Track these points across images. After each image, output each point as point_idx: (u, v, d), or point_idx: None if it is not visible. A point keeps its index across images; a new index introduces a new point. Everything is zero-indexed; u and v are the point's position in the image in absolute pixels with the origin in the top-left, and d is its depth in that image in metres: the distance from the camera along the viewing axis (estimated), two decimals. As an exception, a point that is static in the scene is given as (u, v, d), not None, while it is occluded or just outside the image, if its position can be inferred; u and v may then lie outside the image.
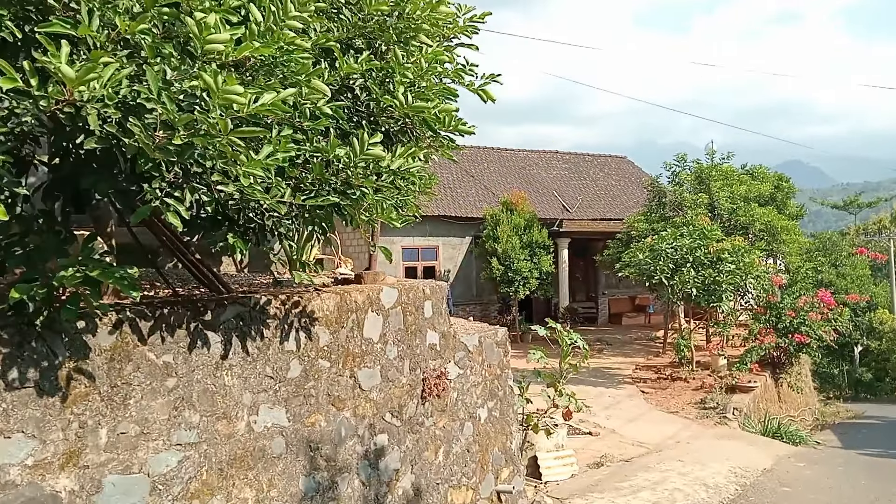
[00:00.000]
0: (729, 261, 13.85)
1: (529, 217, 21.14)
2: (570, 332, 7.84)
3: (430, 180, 7.62)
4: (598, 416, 12.34)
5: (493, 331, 6.54)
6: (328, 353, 4.57)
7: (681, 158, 19.38)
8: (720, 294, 13.60)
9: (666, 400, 13.55)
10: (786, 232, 17.67)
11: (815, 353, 15.81)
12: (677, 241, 14.20)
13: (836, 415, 25.10)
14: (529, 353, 7.55)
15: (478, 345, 6.21)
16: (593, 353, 19.70)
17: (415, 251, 22.50)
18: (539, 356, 7.43)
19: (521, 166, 27.60)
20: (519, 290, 20.41)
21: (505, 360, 6.59)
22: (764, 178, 19.03)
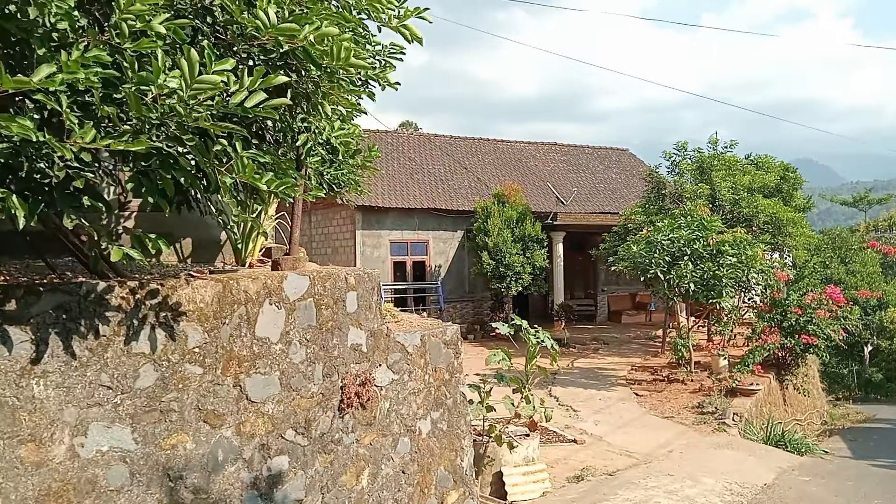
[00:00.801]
0: (730, 254, 12.83)
1: (522, 209, 20.15)
2: (537, 330, 6.83)
3: (370, 152, 6.68)
4: (585, 421, 11.37)
5: (441, 328, 5.57)
6: (200, 357, 3.60)
7: (681, 147, 18.34)
8: (720, 289, 12.58)
9: (661, 404, 12.55)
10: (792, 225, 16.61)
11: (822, 354, 14.73)
12: (674, 233, 13.19)
13: (845, 417, 24.03)
14: (490, 355, 6.52)
15: (420, 345, 5.24)
16: (588, 353, 18.82)
17: (403, 245, 21.53)
18: (500, 358, 6.43)
19: (517, 158, 26.59)
20: (511, 285, 19.43)
21: (456, 362, 5.62)
22: (769, 168, 17.96)
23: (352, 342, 4.62)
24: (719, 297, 12.56)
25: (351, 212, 20.72)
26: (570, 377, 15.10)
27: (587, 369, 15.93)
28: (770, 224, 16.52)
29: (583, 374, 15.43)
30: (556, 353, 7.00)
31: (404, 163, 23.46)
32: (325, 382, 4.33)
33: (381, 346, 4.86)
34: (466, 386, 5.79)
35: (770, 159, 18.42)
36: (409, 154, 24.01)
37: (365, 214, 20.69)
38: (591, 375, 15.18)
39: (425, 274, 21.92)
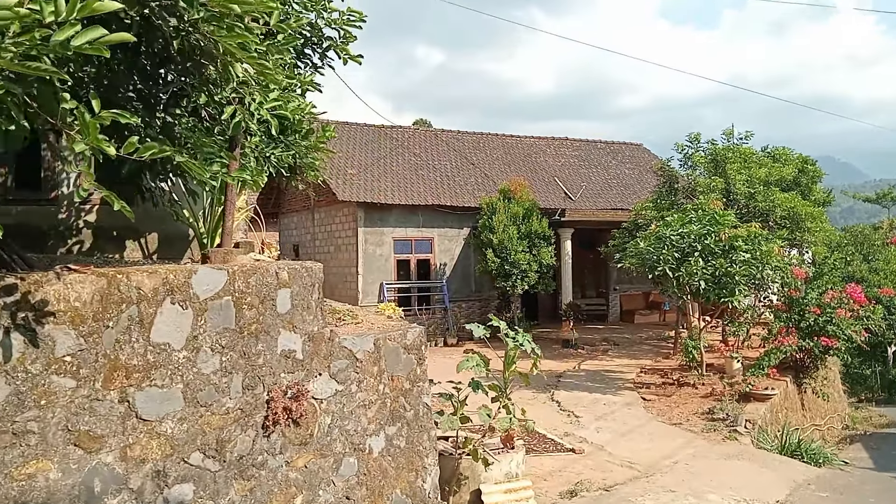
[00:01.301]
0: (743, 249, 12.04)
1: (529, 205, 19.44)
2: (518, 332, 6.16)
3: (324, 132, 6.04)
4: (586, 428, 10.67)
5: (401, 331, 4.91)
6: (73, 367, 2.96)
7: (694, 139, 17.52)
8: (732, 288, 11.80)
9: (669, 409, 11.80)
10: (811, 219, 15.75)
11: (843, 356, 13.89)
12: (684, 228, 12.43)
13: (868, 421, 23.06)
14: (462, 361, 5.84)
15: (372, 350, 4.59)
16: (597, 355, 18.07)
17: (407, 243, 20.91)
18: (473, 363, 5.75)
19: (526, 154, 25.88)
20: (517, 284, 18.73)
21: (419, 369, 4.96)
22: (787, 161, 17.09)
23: (283, 348, 3.98)
24: (731, 295, 11.79)
25: (353, 209, 20.14)
26: (576, 380, 14.40)
27: (594, 372, 15.20)
28: (787, 219, 15.68)
29: (589, 376, 14.71)
30: (536, 359, 6.28)
31: (409, 158, 22.83)
32: (246, 396, 3.69)
33: (321, 352, 4.22)
34: (432, 395, 5.13)
35: (788, 151, 17.54)
36: (414, 150, 23.38)
37: (367, 211, 20.09)
38: (597, 378, 14.46)
39: (430, 272, 21.29)
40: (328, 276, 22.23)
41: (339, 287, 21.12)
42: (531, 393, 13.25)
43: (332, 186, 19.86)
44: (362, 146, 22.57)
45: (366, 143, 22.82)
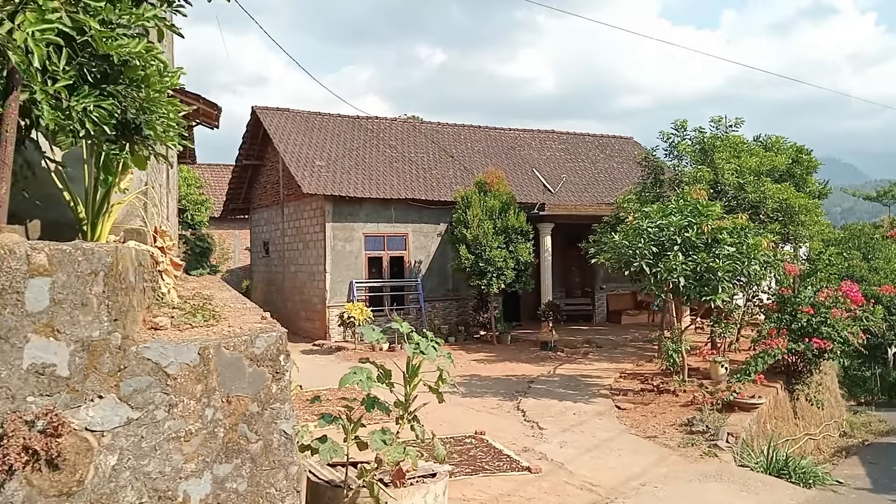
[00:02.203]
0: (728, 243, 10.89)
1: (506, 199, 18.30)
2: (428, 337, 4.99)
3: (166, 76, 4.88)
4: (549, 442, 9.52)
5: (247, 337, 3.75)
6: None
7: (680, 126, 16.35)
8: (715, 284, 10.64)
9: (645, 419, 10.64)
10: (805, 212, 14.59)
11: (839, 359, 12.72)
12: (664, 219, 11.28)
13: (866, 426, 21.97)
14: (347, 374, 4.63)
15: (196, 362, 3.43)
16: (577, 357, 16.89)
17: (379, 239, 19.77)
18: (362, 377, 4.55)
19: (510, 146, 24.73)
20: (492, 282, 17.58)
21: (275, 386, 3.80)
22: (779, 150, 15.93)
23: (33, 361, 2.83)
24: (714, 293, 10.62)
25: (321, 202, 19.01)
26: (548, 386, 13.25)
27: (569, 377, 14.06)
28: (780, 211, 14.53)
29: (563, 382, 13.57)
30: (442, 370, 5.06)
31: (384, 150, 21.69)
32: (-49, 432, 2.53)
33: (104, 366, 3.07)
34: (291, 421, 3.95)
35: (781, 140, 16.38)
36: (390, 142, 22.23)
37: (336, 205, 18.96)
38: (571, 384, 13.31)
39: (404, 271, 20.15)
40: (297, 275, 21.09)
41: (308, 286, 20.00)
42: (496, 400, 12.12)
43: (297, 179, 18.71)
44: (334, 137, 21.43)
45: (338, 133, 21.68)
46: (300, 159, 19.57)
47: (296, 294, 20.84)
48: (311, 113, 22.21)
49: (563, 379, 13.86)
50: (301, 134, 20.93)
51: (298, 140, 20.53)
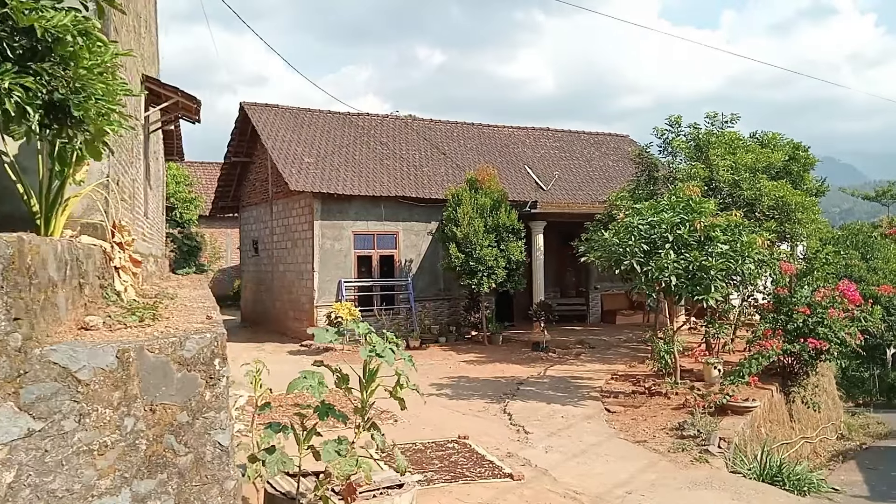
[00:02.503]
0: (721, 240, 10.54)
1: (498, 196, 17.94)
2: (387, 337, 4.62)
3: (95, 51, 4.53)
4: (534, 446, 9.16)
5: (176, 339, 3.40)
6: None
7: (674, 122, 15.99)
8: (707, 284, 10.28)
9: (635, 423, 10.29)
10: (801, 210, 14.23)
11: (836, 360, 12.37)
12: (655, 216, 10.93)
13: (865, 429, 21.64)
14: (296, 380, 4.24)
15: (114, 366, 3.07)
16: (568, 358, 16.53)
17: (369, 238, 19.41)
18: (313, 383, 4.17)
19: (503, 144, 24.37)
20: (483, 282, 17.22)
21: (209, 393, 3.44)
22: (776, 146, 15.58)
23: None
24: (706, 292, 10.26)
25: (309, 200, 18.64)
26: (537, 388, 12.90)
27: (559, 378, 13.70)
28: (776, 209, 14.17)
29: (552, 384, 13.21)
30: (401, 374, 4.67)
31: (374, 147, 21.33)
32: None
33: (0, 371, 2.71)
34: (229, 431, 3.58)
35: (778, 136, 16.03)
36: (381, 139, 21.87)
37: (324, 203, 18.60)
38: (561, 386, 12.96)
39: (394, 270, 19.79)
40: (285, 274, 20.73)
41: (296, 285, 19.64)
42: (483, 403, 11.77)
43: (285, 176, 18.35)
44: (323, 134, 21.06)
45: (327, 130, 21.31)
46: (288, 156, 19.21)
47: (284, 293, 20.47)
48: (300, 109, 21.86)
49: (553, 381, 13.51)
50: (290, 130, 20.56)
51: (287, 137, 20.17)
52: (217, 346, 3.53)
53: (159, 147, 17.43)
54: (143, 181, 12.10)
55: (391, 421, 10.60)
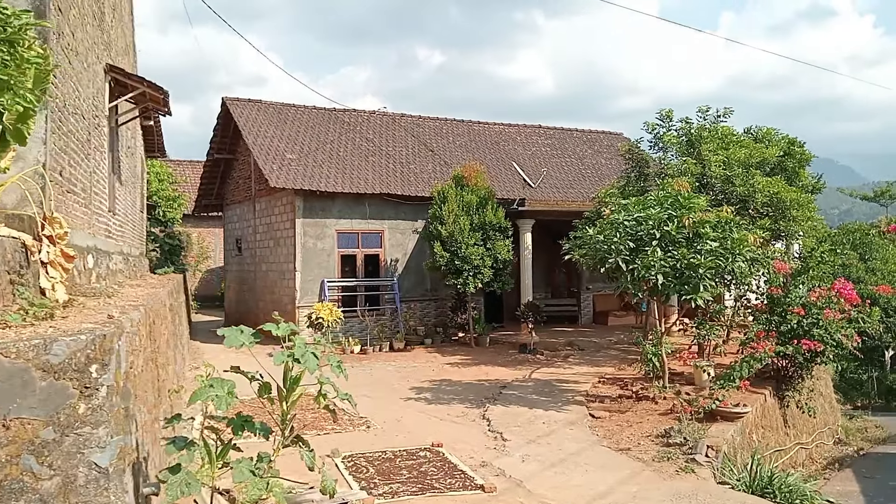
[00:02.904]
0: (711, 237, 10.02)
1: (484, 193, 17.42)
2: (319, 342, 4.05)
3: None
4: (511, 455, 8.63)
5: (40, 342, 2.87)
6: None
7: (665, 116, 15.46)
8: (696, 283, 9.75)
9: (620, 430, 9.76)
10: (797, 207, 13.71)
11: (832, 363, 11.84)
12: (642, 212, 10.41)
13: (863, 433, 21.17)
14: (198, 390, 3.68)
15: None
16: (556, 361, 16.01)
17: (353, 236, 18.87)
18: (220, 392, 3.61)
19: (494, 141, 23.84)
20: (468, 281, 16.70)
21: (83, 406, 2.92)
22: (771, 142, 15.06)
23: None
24: (695, 292, 9.73)
25: (291, 197, 18.11)
26: (521, 391, 12.38)
27: (545, 382, 13.18)
28: (770, 206, 13.65)
29: (537, 387, 12.69)
30: (324, 383, 4.10)
31: (360, 144, 20.80)
32: None
33: None
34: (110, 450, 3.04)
35: (772, 131, 15.51)
36: (367, 135, 21.35)
37: (307, 200, 18.07)
38: (545, 390, 12.43)
39: (379, 269, 19.25)
40: (268, 273, 20.19)
41: (278, 285, 19.10)
42: (463, 407, 11.23)
43: (265, 172, 17.82)
44: (307, 130, 20.53)
45: (311, 126, 20.79)
46: (270, 152, 18.68)
47: (266, 294, 19.93)
48: (284, 105, 21.33)
49: (538, 384, 12.98)
50: (273, 126, 20.03)
51: (269, 132, 19.64)
52: (95, 349, 3.00)
53: (136, 143, 16.90)
54: (107, 176, 11.58)
55: (364, 427, 10.09)
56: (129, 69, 14.51)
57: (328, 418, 10.92)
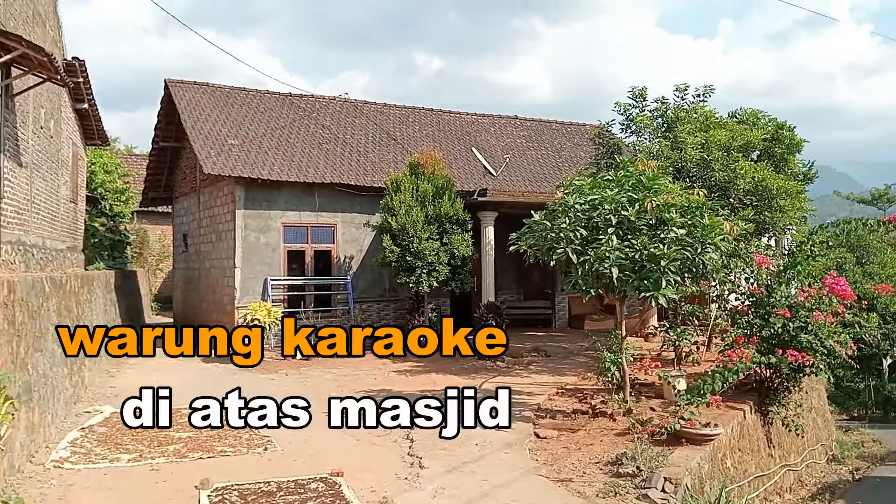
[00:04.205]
0: (677, 224, 8.37)
1: (442, 183, 15.76)
2: None
3: None
4: (422, 488, 6.96)
5: None
6: None
7: (638, 95, 13.80)
8: (657, 277, 8.09)
9: (566, 453, 8.08)
10: (784, 196, 12.06)
11: (823, 374, 10.16)
12: (596, 194, 8.76)
13: (859, 448, 19.52)
14: None
15: None
16: (516, 369, 14.36)
17: (301, 230, 17.20)
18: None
19: (465, 131, 22.20)
20: (422, 280, 15.03)
21: None
22: (756, 124, 13.41)
23: None
24: (656, 288, 8.06)
25: (231, 186, 16.43)
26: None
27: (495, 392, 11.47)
28: (754, 195, 12.00)
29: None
30: None
31: (315, 131, 19.14)
32: None
33: None
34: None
35: (758, 112, 13.84)
36: (323, 122, 19.69)
37: (249, 190, 16.40)
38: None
39: (332, 267, 17.57)
40: (210, 271, 18.49)
41: (220, 283, 17.41)
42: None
43: (200, 158, 16.15)
44: (257, 115, 18.88)
45: (263, 111, 19.13)
46: (210, 137, 17.02)
47: (209, 293, 18.25)
48: (234, 88, 19.68)
49: (487, 396, 11.28)
50: (218, 110, 18.37)
51: (213, 116, 17.98)
52: None
53: (61, 126, 15.24)
54: (14, 160, 10.04)
55: (260, 449, 8.41)
56: (44, 43, 12.88)
57: (225, 437, 9.29)
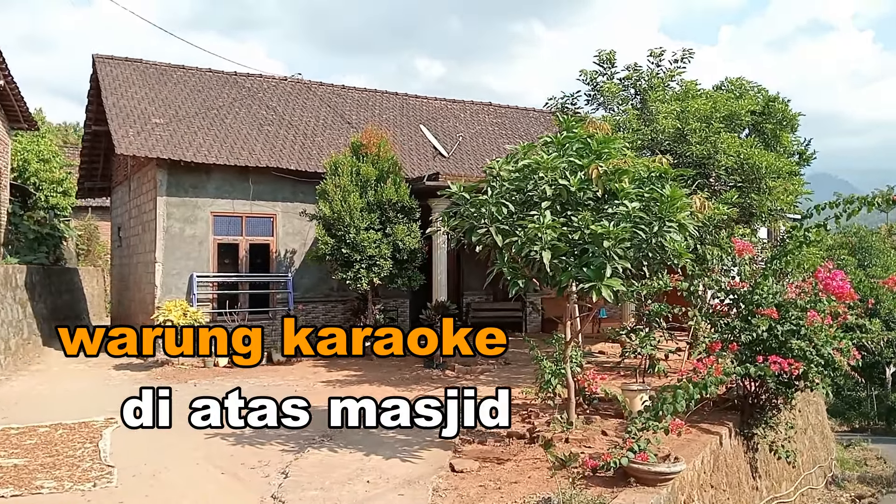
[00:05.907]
0: (630, 196, 6.44)
1: (387, 166, 13.84)
2: None
3: None
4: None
5: None
6: None
7: (606, 59, 11.87)
8: (600, 263, 6.16)
9: (482, 495, 6.14)
10: (774, 175, 10.13)
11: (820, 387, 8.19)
12: (528, 158, 6.85)
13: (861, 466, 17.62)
14: None
15: None
16: (467, 378, 12.39)
17: (235, 221, 15.28)
18: None
19: (430, 117, 20.28)
20: (361, 276, 13.08)
21: None
22: (744, 95, 11.49)
23: None
24: (599, 278, 6.12)
25: (153, 170, 14.53)
26: (373, 426, 8.70)
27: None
28: (738, 174, 10.08)
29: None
30: None
31: (258, 112, 17.24)
32: None
33: None
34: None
35: (746, 82, 11.92)
36: (268, 103, 17.79)
37: (172, 173, 14.49)
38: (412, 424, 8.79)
39: (270, 263, 15.65)
40: (137, 266, 16.52)
41: (144, 280, 15.49)
42: (274, 451, 7.59)
43: (115, 137, 14.25)
44: (193, 94, 16.97)
45: (200, 90, 17.22)
46: (131, 115, 15.11)
47: (136, 291, 16.34)
48: (170, 66, 17.78)
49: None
50: (148, 88, 16.48)
51: (140, 94, 16.08)
52: None
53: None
54: None
55: (90, 485, 6.49)
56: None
57: (59, 466, 7.40)
